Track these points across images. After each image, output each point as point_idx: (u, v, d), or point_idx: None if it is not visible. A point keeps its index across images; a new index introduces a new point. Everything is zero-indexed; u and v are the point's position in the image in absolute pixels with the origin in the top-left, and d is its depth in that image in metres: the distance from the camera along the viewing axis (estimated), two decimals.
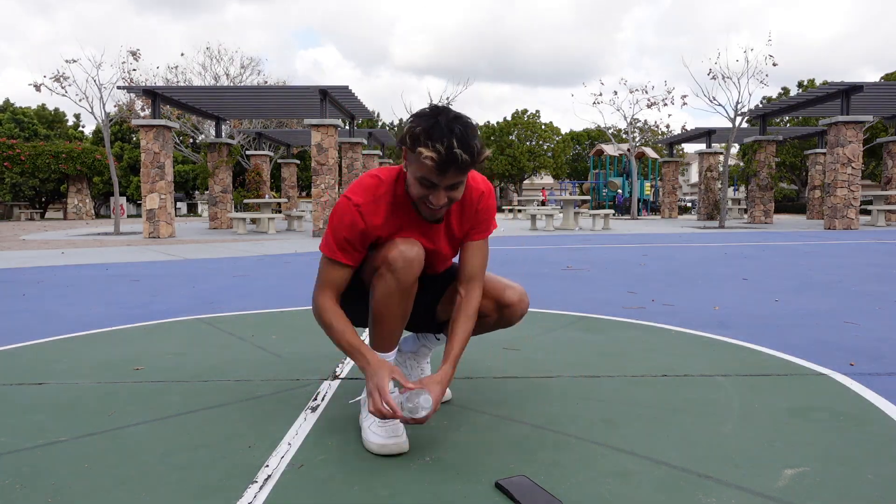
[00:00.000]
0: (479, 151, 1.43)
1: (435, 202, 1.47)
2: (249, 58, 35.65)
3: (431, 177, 1.42)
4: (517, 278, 4.98)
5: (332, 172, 12.35)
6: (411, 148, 1.42)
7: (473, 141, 1.41)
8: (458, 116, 1.43)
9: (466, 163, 1.40)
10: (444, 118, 1.40)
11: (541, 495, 1.29)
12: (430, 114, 1.43)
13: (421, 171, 1.43)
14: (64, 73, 13.52)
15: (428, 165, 1.40)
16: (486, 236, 1.71)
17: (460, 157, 1.38)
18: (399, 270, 1.53)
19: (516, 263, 6.27)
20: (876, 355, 2.48)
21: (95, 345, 2.76)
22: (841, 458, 1.50)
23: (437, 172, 1.41)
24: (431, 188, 1.45)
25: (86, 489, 1.36)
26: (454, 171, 1.41)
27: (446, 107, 1.46)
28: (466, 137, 1.39)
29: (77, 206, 28.32)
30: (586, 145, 45.45)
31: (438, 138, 1.37)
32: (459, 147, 1.38)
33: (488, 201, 1.68)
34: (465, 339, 1.62)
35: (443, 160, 1.38)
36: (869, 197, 17.24)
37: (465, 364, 2.36)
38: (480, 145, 1.43)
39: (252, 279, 5.15)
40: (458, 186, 1.48)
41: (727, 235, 11.29)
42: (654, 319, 3.25)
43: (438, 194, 1.46)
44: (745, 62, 15.15)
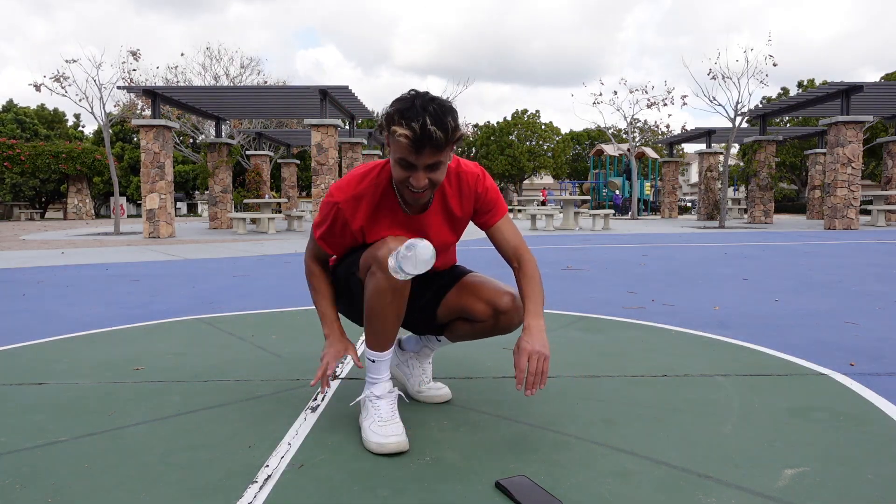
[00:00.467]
0: (454, 129, 1.44)
1: (415, 183, 1.48)
2: (249, 58, 35.70)
3: (408, 156, 1.44)
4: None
5: (332, 172, 12.36)
6: (387, 128, 1.44)
7: (447, 118, 1.42)
8: (435, 98, 1.45)
9: (440, 140, 1.41)
10: (419, 100, 1.43)
11: (541, 495, 1.29)
12: (407, 97, 1.45)
13: (398, 152, 1.45)
14: (64, 73, 13.53)
15: (403, 143, 1.42)
16: (504, 214, 1.76)
17: (434, 134, 1.39)
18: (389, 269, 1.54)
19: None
20: (876, 355, 2.48)
21: (95, 345, 2.76)
22: (841, 458, 1.50)
23: (413, 150, 1.42)
24: (411, 169, 1.47)
25: (86, 489, 1.36)
26: (430, 150, 1.42)
27: (425, 91, 1.47)
28: (440, 115, 1.41)
29: (77, 206, 28.32)
30: (586, 145, 45.44)
31: (412, 117, 1.39)
32: (433, 124, 1.39)
33: (485, 182, 1.71)
34: (540, 295, 1.67)
35: (417, 137, 1.40)
36: (869, 197, 17.24)
37: (465, 364, 2.36)
38: (455, 123, 1.44)
39: (252, 279, 5.15)
40: (438, 167, 1.48)
41: (727, 235, 11.29)
42: (654, 319, 3.24)
43: (418, 175, 1.47)
44: (745, 62, 15.16)
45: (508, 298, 1.73)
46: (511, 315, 1.74)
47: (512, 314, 1.74)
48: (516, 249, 1.73)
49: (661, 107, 36.80)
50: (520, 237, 1.76)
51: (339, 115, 14.56)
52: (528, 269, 1.71)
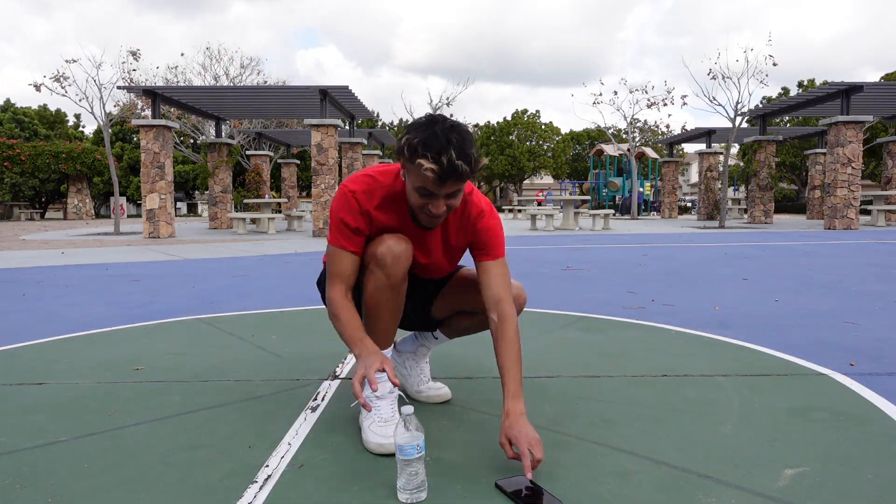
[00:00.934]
0: (477, 160, 1.43)
1: (435, 211, 1.48)
2: (249, 58, 35.68)
3: (431, 187, 1.43)
4: (517, 278, 4.98)
5: (332, 172, 12.35)
6: (409, 160, 1.42)
7: (471, 150, 1.41)
8: (454, 125, 1.43)
9: (465, 173, 1.41)
10: (440, 128, 1.41)
11: (540, 495, 1.29)
12: (426, 124, 1.43)
13: (420, 182, 1.43)
14: (64, 73, 13.53)
15: (427, 177, 1.40)
16: (501, 255, 1.65)
17: (460, 168, 1.39)
18: (388, 266, 1.54)
19: (516, 263, 6.26)
20: (876, 355, 2.48)
21: (95, 345, 2.76)
22: (841, 458, 1.50)
23: (437, 183, 1.42)
24: (430, 197, 1.46)
25: (86, 489, 1.36)
26: (453, 181, 1.42)
27: (442, 115, 1.46)
28: (464, 147, 1.40)
29: (77, 206, 28.32)
30: (586, 145, 45.43)
31: (436, 149, 1.38)
32: (458, 157, 1.38)
33: (488, 221, 1.64)
34: (519, 367, 1.54)
35: (442, 171, 1.39)
36: (869, 197, 17.24)
37: (465, 364, 2.36)
38: (477, 154, 1.44)
39: (252, 279, 5.15)
40: (457, 194, 1.48)
41: (727, 235, 11.29)
42: (654, 319, 3.24)
43: (438, 203, 1.47)
44: (745, 62, 15.16)
45: None
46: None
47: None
48: (499, 301, 1.58)
49: (661, 107, 36.81)
50: (508, 288, 1.62)
51: (339, 115, 14.55)
52: (509, 332, 1.55)
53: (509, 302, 1.60)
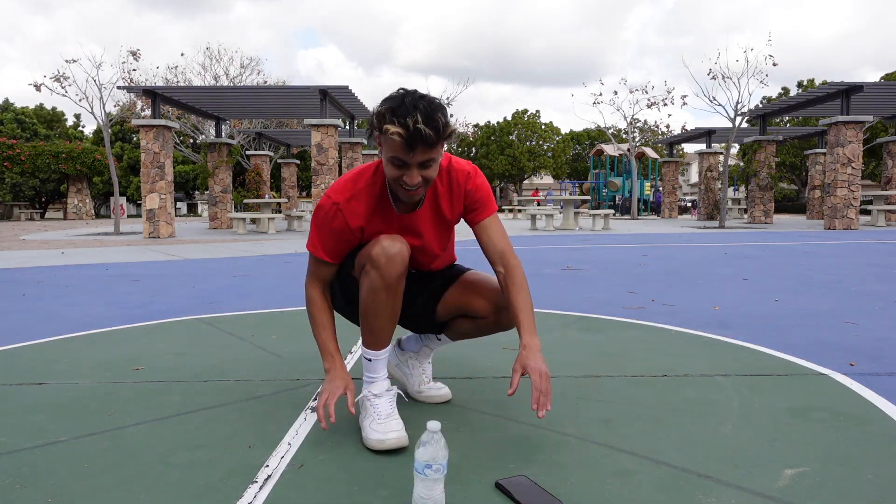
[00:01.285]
0: (445, 125, 1.44)
1: (409, 181, 1.48)
2: (249, 57, 35.68)
3: (401, 154, 1.44)
4: None
5: (332, 172, 12.36)
6: (378, 128, 1.45)
7: (437, 115, 1.42)
8: (424, 96, 1.45)
9: (431, 137, 1.42)
10: (409, 98, 1.43)
11: (541, 495, 1.29)
12: (396, 95, 1.46)
13: (391, 151, 1.45)
14: (64, 73, 13.53)
15: (395, 142, 1.42)
16: (492, 212, 1.72)
17: (424, 132, 1.40)
18: (382, 267, 1.55)
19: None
20: (876, 355, 2.48)
21: (95, 345, 2.76)
22: (841, 458, 1.50)
23: (406, 148, 1.43)
24: (403, 167, 1.47)
25: (86, 489, 1.36)
26: (422, 147, 1.43)
27: (415, 89, 1.48)
28: (430, 112, 1.41)
29: (77, 206, 28.32)
30: (586, 145, 45.44)
31: (403, 115, 1.40)
32: (424, 121, 1.40)
33: (475, 180, 1.69)
34: (530, 306, 1.62)
35: (409, 135, 1.40)
36: (869, 197, 17.24)
37: (465, 364, 2.36)
38: (445, 120, 1.44)
39: (252, 279, 5.15)
40: (431, 164, 1.48)
41: (727, 235, 11.29)
42: (654, 319, 3.24)
43: (411, 173, 1.47)
44: (746, 62, 15.16)
45: None
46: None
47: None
48: (503, 253, 1.68)
49: (661, 107, 36.81)
50: (507, 239, 1.71)
51: (339, 115, 14.56)
52: (517, 278, 1.65)
53: (512, 253, 1.68)
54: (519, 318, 1.60)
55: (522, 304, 1.61)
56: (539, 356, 1.53)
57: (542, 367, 1.50)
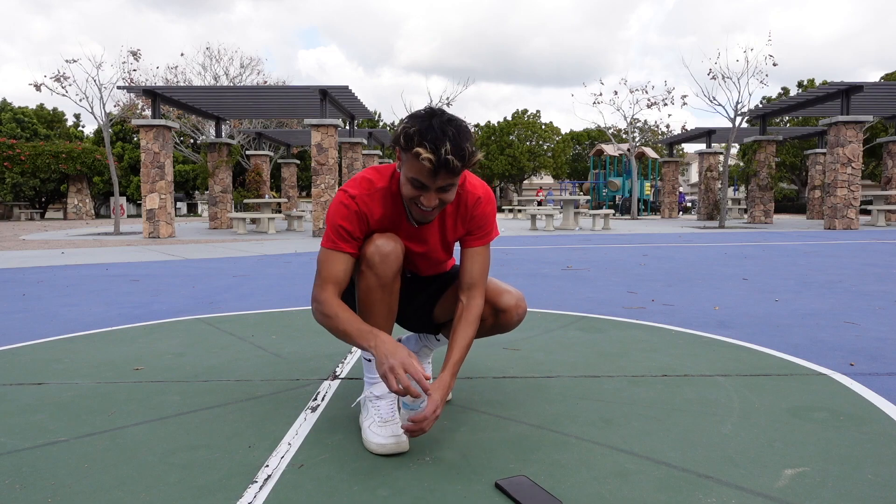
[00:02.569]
0: (471, 154, 1.44)
1: (426, 203, 1.48)
2: (249, 57, 35.68)
3: (423, 178, 1.44)
4: (517, 278, 4.98)
5: (332, 172, 12.35)
6: (405, 148, 1.44)
7: (465, 144, 1.42)
8: (452, 119, 1.44)
9: (458, 167, 1.42)
10: (437, 120, 1.42)
11: (541, 495, 1.29)
12: (424, 115, 1.44)
13: (413, 173, 1.45)
14: (64, 72, 13.53)
15: (422, 167, 1.42)
16: (486, 243, 1.69)
17: (451, 162, 1.40)
18: (377, 266, 1.55)
19: (516, 263, 6.26)
20: (876, 355, 2.48)
21: (95, 345, 2.76)
22: (841, 458, 1.50)
23: (430, 175, 1.43)
24: (422, 189, 1.47)
25: (86, 489, 1.36)
26: (445, 174, 1.43)
27: (441, 109, 1.47)
28: (459, 140, 1.41)
29: (77, 206, 28.32)
30: (586, 145, 45.44)
31: (431, 140, 1.39)
32: (452, 150, 1.39)
33: (485, 207, 1.67)
34: (466, 346, 1.61)
35: (437, 162, 1.40)
36: (869, 197, 17.25)
37: (465, 364, 2.36)
38: (472, 149, 1.44)
39: (252, 279, 5.15)
40: (450, 189, 1.49)
41: (727, 235, 11.29)
42: (654, 319, 3.24)
43: (429, 196, 1.47)
44: (746, 62, 15.16)
45: (508, 297, 1.73)
46: (511, 314, 1.73)
47: (511, 313, 1.73)
48: (473, 286, 1.65)
49: (662, 107, 36.79)
50: (485, 275, 1.68)
51: (339, 115, 14.55)
52: (471, 315, 1.63)
53: (481, 291, 1.67)
54: (452, 350, 1.58)
55: (462, 340, 1.59)
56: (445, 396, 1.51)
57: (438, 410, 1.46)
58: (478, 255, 1.68)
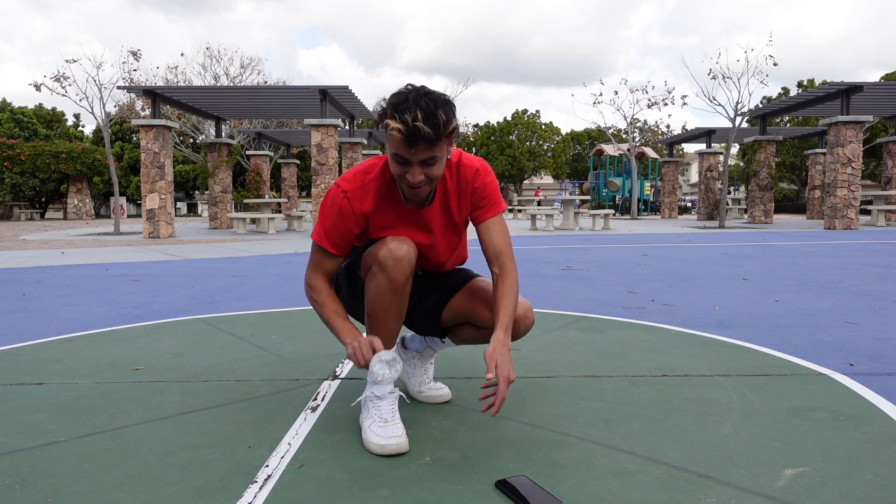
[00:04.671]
0: (446, 122, 1.42)
1: (411, 179, 1.47)
2: (250, 57, 35.69)
3: (402, 151, 1.44)
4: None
5: (332, 172, 12.36)
6: (381, 124, 1.44)
7: (438, 111, 1.40)
8: (429, 92, 1.44)
9: (430, 135, 1.40)
10: (413, 94, 1.42)
11: (541, 495, 1.29)
12: (401, 91, 1.45)
13: (393, 147, 1.45)
14: (64, 72, 13.53)
15: (396, 138, 1.42)
16: (497, 212, 1.68)
17: (422, 129, 1.39)
18: (389, 269, 1.54)
19: (517, 263, 6.26)
20: (876, 355, 2.48)
21: (95, 345, 2.76)
22: (841, 458, 1.50)
23: (406, 145, 1.42)
24: (406, 164, 1.46)
25: (86, 489, 1.36)
26: (423, 144, 1.42)
27: (422, 86, 1.47)
28: (432, 109, 1.40)
29: (77, 206, 28.31)
30: (586, 145, 45.44)
31: (403, 111, 1.39)
32: (424, 119, 1.38)
33: (484, 178, 1.66)
34: (514, 308, 1.59)
35: (409, 131, 1.39)
36: (869, 197, 17.25)
37: (465, 364, 2.36)
38: (447, 117, 1.42)
39: (252, 279, 5.15)
40: (433, 162, 1.47)
41: (727, 235, 11.29)
42: (654, 319, 3.24)
43: (414, 171, 1.46)
44: (746, 62, 15.16)
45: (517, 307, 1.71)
46: (518, 325, 1.72)
47: (519, 324, 1.72)
48: (500, 254, 1.65)
49: (662, 107, 36.80)
50: (508, 242, 1.68)
51: (339, 115, 14.56)
52: (509, 279, 1.62)
53: (510, 255, 1.66)
54: (499, 314, 1.57)
55: (506, 303, 1.58)
56: (508, 356, 1.49)
57: (511, 373, 1.45)
58: (493, 224, 1.67)
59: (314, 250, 1.67)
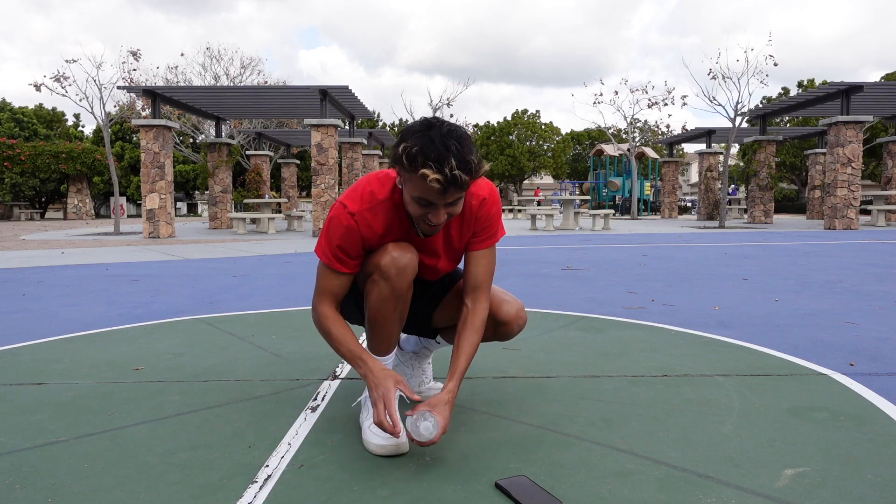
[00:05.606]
0: (478, 166, 1.39)
1: (434, 221, 1.44)
2: (250, 57, 35.69)
3: (431, 198, 1.39)
4: (517, 278, 4.98)
5: (332, 172, 12.36)
6: (408, 170, 1.37)
7: (471, 157, 1.37)
8: (451, 130, 1.38)
9: (466, 181, 1.37)
10: (437, 133, 1.35)
11: (541, 495, 1.29)
12: (422, 130, 1.37)
13: (419, 192, 1.39)
14: (64, 72, 13.53)
15: (429, 188, 1.36)
16: (492, 244, 1.65)
17: (460, 178, 1.35)
18: (392, 278, 1.52)
19: (516, 263, 6.26)
20: (876, 355, 2.48)
21: (95, 345, 2.76)
22: (841, 458, 1.50)
23: (438, 194, 1.38)
24: (429, 207, 1.42)
25: (86, 489, 1.36)
26: (454, 190, 1.38)
27: (437, 119, 1.41)
28: (463, 154, 1.35)
29: (77, 206, 28.31)
30: (586, 145, 45.44)
31: (436, 160, 1.33)
32: (458, 166, 1.34)
33: (490, 208, 1.62)
34: (472, 352, 1.57)
35: (447, 182, 1.34)
36: (869, 197, 17.25)
37: None
38: (478, 159, 1.39)
39: (252, 279, 5.15)
40: (458, 202, 1.44)
41: (727, 235, 11.29)
42: (654, 319, 3.24)
43: (438, 213, 1.42)
44: (746, 62, 15.16)
45: (508, 308, 1.71)
46: (511, 325, 1.72)
47: (511, 324, 1.71)
48: (477, 289, 1.61)
49: (662, 107, 36.80)
50: (490, 277, 1.64)
51: (339, 115, 14.55)
52: (476, 320, 1.59)
53: (486, 294, 1.63)
54: (458, 358, 1.55)
55: (468, 347, 1.56)
56: (445, 406, 1.47)
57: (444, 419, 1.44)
58: (483, 257, 1.63)
59: (322, 272, 1.59)
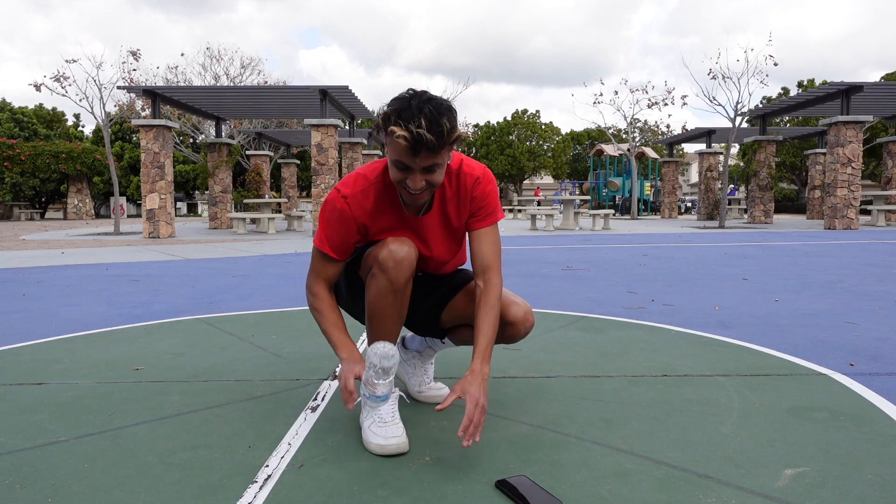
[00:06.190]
0: (450, 130, 1.42)
1: (412, 185, 1.47)
2: (250, 57, 35.69)
3: (404, 158, 1.43)
4: (517, 278, 4.98)
5: (332, 172, 12.36)
6: (384, 129, 1.43)
7: (442, 120, 1.40)
8: (432, 98, 1.43)
9: (433, 143, 1.40)
10: (416, 100, 1.41)
11: (541, 495, 1.29)
12: (404, 97, 1.43)
13: (394, 154, 1.44)
14: (64, 72, 13.53)
15: (399, 145, 1.41)
16: (492, 223, 1.67)
17: (426, 137, 1.38)
18: (390, 271, 1.54)
19: (516, 263, 6.27)
20: (876, 355, 2.48)
21: (95, 345, 2.76)
22: (841, 458, 1.50)
23: (409, 153, 1.41)
24: (407, 171, 1.46)
25: (86, 489, 1.36)
26: (426, 152, 1.41)
27: (425, 91, 1.46)
28: (435, 116, 1.39)
29: (77, 206, 28.31)
30: (586, 145, 45.44)
31: (408, 118, 1.38)
32: (427, 127, 1.38)
33: (485, 187, 1.64)
34: (493, 331, 1.57)
35: (413, 140, 1.38)
36: (869, 197, 17.25)
37: (465, 364, 2.36)
38: (451, 125, 1.42)
39: (252, 279, 5.15)
40: (435, 169, 1.47)
41: (727, 235, 11.29)
42: (654, 319, 3.24)
43: (415, 177, 1.46)
44: (746, 62, 15.16)
45: (516, 309, 1.71)
46: (518, 327, 1.72)
47: (519, 326, 1.72)
48: (487, 268, 1.61)
49: (662, 107, 36.80)
50: (497, 255, 1.65)
51: (339, 114, 14.56)
52: (491, 298, 1.59)
53: (497, 270, 1.63)
54: (478, 338, 1.55)
55: (486, 325, 1.56)
56: (483, 385, 1.47)
57: (481, 399, 1.44)
58: (486, 235, 1.65)
59: (316, 256, 1.66)
